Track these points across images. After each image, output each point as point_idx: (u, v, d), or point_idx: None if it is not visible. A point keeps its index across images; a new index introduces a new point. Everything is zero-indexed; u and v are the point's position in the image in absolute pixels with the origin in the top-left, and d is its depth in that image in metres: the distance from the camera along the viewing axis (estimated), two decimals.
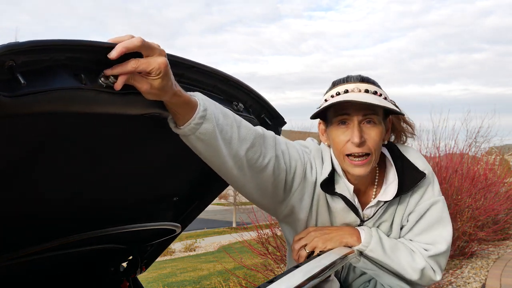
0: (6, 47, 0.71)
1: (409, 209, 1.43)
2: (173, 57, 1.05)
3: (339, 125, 1.32)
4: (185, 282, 7.64)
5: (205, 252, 13.85)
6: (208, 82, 1.22)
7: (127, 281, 2.00)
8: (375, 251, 1.39)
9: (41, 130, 0.94)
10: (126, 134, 1.16)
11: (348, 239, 1.40)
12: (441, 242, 1.42)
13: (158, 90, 0.96)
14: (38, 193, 1.18)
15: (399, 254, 1.41)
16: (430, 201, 1.42)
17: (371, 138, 1.30)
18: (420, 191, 1.42)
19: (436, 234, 1.42)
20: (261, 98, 1.46)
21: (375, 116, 1.31)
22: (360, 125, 1.30)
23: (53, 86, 0.79)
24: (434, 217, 1.43)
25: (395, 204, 1.44)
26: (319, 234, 1.41)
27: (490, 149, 11.83)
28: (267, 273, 5.57)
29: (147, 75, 0.94)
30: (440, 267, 1.44)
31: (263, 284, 0.97)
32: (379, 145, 1.33)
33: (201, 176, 1.69)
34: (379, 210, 1.43)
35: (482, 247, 7.49)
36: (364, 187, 1.45)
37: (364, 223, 1.46)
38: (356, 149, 1.30)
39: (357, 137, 1.28)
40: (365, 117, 1.30)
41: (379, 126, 1.32)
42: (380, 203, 1.42)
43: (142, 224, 1.69)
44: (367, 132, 1.30)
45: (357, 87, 1.32)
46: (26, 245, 1.37)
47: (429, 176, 1.43)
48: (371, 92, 1.31)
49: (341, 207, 1.42)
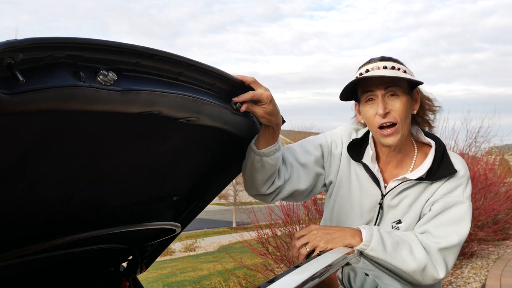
0: (5, 44, 0.71)
1: (435, 197, 1.49)
2: (172, 55, 1.05)
3: (367, 102, 1.49)
4: (185, 282, 7.64)
5: (205, 252, 13.86)
6: (207, 81, 1.22)
7: (127, 281, 2.00)
8: (376, 250, 1.39)
9: (40, 128, 0.94)
10: (125, 133, 1.16)
11: (350, 240, 1.41)
12: (453, 236, 1.45)
13: (268, 115, 1.37)
14: (37, 192, 1.18)
15: (400, 253, 1.41)
16: (459, 199, 1.48)
17: (395, 108, 1.44)
18: (450, 185, 1.49)
19: (452, 230, 1.46)
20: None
21: (397, 88, 1.45)
22: (384, 99, 1.45)
23: (52, 84, 0.79)
24: (457, 215, 1.47)
25: (421, 189, 1.51)
26: (321, 234, 1.42)
27: (490, 149, 11.83)
28: (267, 273, 5.57)
29: (259, 103, 1.34)
30: (445, 264, 1.44)
31: (263, 284, 0.96)
32: (404, 114, 1.45)
33: (200, 175, 1.69)
34: (401, 185, 1.51)
35: (482, 247, 7.49)
36: (396, 165, 1.56)
37: (384, 198, 1.53)
38: (383, 120, 1.45)
39: (381, 109, 1.43)
40: (387, 91, 1.45)
41: (402, 98, 1.45)
42: (405, 179, 1.51)
43: (142, 224, 1.68)
44: (391, 103, 1.45)
45: (376, 65, 1.48)
46: (25, 245, 1.37)
47: (464, 177, 1.51)
48: (389, 68, 1.46)
49: (366, 177, 1.57)
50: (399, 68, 1.46)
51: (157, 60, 1.02)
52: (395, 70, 1.45)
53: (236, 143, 1.55)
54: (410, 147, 1.56)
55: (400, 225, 1.53)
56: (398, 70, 1.45)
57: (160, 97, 1.04)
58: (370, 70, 1.47)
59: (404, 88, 1.46)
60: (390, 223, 1.55)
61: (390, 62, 1.48)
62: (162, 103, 1.04)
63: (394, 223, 1.54)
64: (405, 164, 1.56)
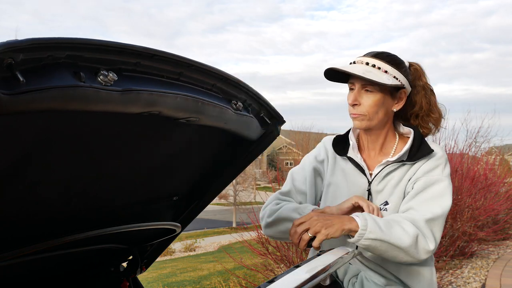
0: (5, 44, 0.71)
1: (417, 176, 1.58)
2: (172, 56, 1.05)
3: (350, 90, 1.60)
4: (185, 282, 7.65)
5: (205, 252, 13.86)
6: (207, 81, 1.22)
7: (127, 281, 2.00)
8: (374, 232, 1.43)
9: (40, 128, 0.94)
10: (125, 133, 1.16)
11: (348, 225, 1.44)
12: (436, 208, 1.53)
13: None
14: (37, 192, 1.18)
15: (393, 230, 1.46)
16: (439, 177, 1.58)
17: (365, 103, 1.55)
18: (430, 165, 1.58)
19: (435, 203, 1.54)
20: (260, 97, 1.46)
21: (372, 86, 1.54)
22: (360, 91, 1.56)
23: (53, 84, 0.79)
24: (438, 191, 1.55)
25: (404, 170, 1.60)
26: (321, 219, 1.44)
27: (490, 149, 11.83)
28: (267, 273, 5.58)
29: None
30: (433, 235, 1.51)
31: (263, 284, 0.97)
32: (374, 109, 1.55)
33: (200, 175, 1.69)
34: (385, 169, 1.60)
35: (482, 247, 7.50)
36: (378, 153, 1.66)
37: (371, 184, 1.62)
38: (352, 110, 1.57)
39: (350, 99, 1.56)
40: (363, 85, 1.55)
41: (376, 95, 1.55)
42: (388, 162, 1.61)
43: (142, 224, 1.69)
44: (364, 97, 1.56)
45: (362, 60, 1.58)
46: (25, 245, 1.37)
47: (442, 158, 1.60)
48: (370, 65, 1.55)
49: (352, 168, 1.66)
50: (379, 67, 1.54)
51: (157, 60, 1.02)
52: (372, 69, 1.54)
53: (236, 143, 1.55)
54: (392, 137, 1.67)
55: (387, 206, 1.60)
56: (378, 69, 1.54)
57: (160, 97, 1.04)
58: (357, 62, 1.58)
59: (382, 87, 1.54)
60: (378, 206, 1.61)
61: (377, 60, 1.56)
62: (162, 103, 1.04)
63: (382, 205, 1.61)
64: (386, 151, 1.66)
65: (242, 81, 1.34)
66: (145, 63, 0.99)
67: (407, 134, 1.66)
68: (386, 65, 1.56)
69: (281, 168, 10.94)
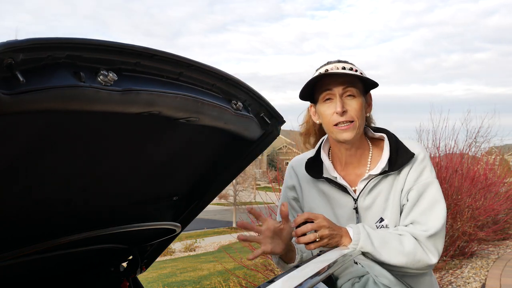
0: (5, 44, 0.71)
1: (408, 185, 1.54)
2: (172, 56, 1.05)
3: (325, 101, 1.52)
4: (185, 282, 7.65)
5: (205, 252, 13.86)
6: (207, 81, 1.22)
7: (127, 281, 2.00)
8: (365, 247, 1.43)
9: (40, 128, 0.94)
10: (125, 133, 1.16)
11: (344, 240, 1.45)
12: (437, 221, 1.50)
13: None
14: (37, 192, 1.18)
15: (388, 245, 1.45)
16: (428, 181, 1.53)
17: (352, 108, 1.49)
18: (417, 170, 1.54)
19: (434, 214, 1.51)
20: (260, 97, 1.46)
21: (354, 89, 1.50)
22: (342, 98, 1.49)
23: (52, 84, 0.79)
24: (432, 197, 1.52)
25: (391, 181, 1.55)
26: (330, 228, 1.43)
27: (490, 149, 11.82)
28: (267, 273, 5.57)
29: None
30: (436, 249, 1.49)
31: (263, 284, 0.97)
32: (360, 114, 1.51)
33: (200, 175, 1.69)
34: (369, 183, 1.54)
35: (482, 247, 7.50)
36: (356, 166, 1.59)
37: (357, 201, 1.56)
38: (340, 118, 1.49)
39: (339, 106, 1.48)
40: (344, 90, 1.49)
41: (358, 99, 1.51)
42: (371, 176, 1.55)
43: (142, 224, 1.69)
44: (349, 103, 1.50)
45: (335, 66, 1.52)
46: (25, 245, 1.37)
47: (425, 159, 1.56)
48: (347, 69, 1.50)
49: (332, 190, 1.59)
50: (356, 70, 1.51)
51: (157, 60, 1.02)
52: (352, 71, 1.50)
53: (236, 143, 1.55)
54: (365, 145, 1.61)
55: (383, 223, 1.56)
56: (356, 72, 1.51)
57: (160, 97, 1.04)
58: (329, 70, 1.51)
59: (360, 90, 1.52)
60: (373, 224, 1.56)
61: (348, 64, 1.54)
62: (162, 103, 1.04)
63: (378, 223, 1.56)
64: (363, 161, 1.60)
65: (242, 81, 1.34)
66: (145, 63, 0.99)
67: (379, 137, 1.61)
68: (358, 68, 1.54)
69: (281, 168, 10.89)
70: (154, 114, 1.06)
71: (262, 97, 1.46)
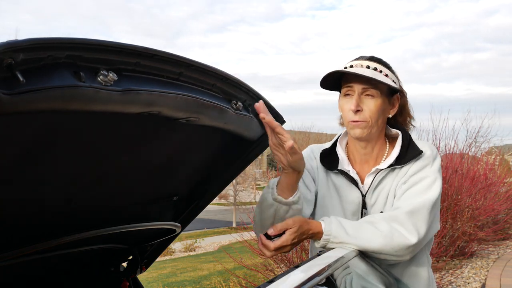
0: (5, 44, 0.71)
1: (405, 179, 1.53)
2: (172, 56, 1.05)
3: (345, 96, 1.53)
4: (185, 282, 7.65)
5: (205, 252, 13.87)
6: (207, 81, 1.21)
7: (127, 281, 2.00)
8: (338, 237, 1.40)
9: (40, 129, 0.94)
10: (125, 133, 1.16)
11: (314, 229, 1.41)
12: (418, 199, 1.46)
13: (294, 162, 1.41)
14: (37, 192, 1.18)
15: (362, 231, 1.41)
16: (426, 174, 1.51)
17: (368, 108, 1.48)
18: (418, 166, 1.53)
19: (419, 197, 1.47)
20: (260, 97, 1.45)
21: (374, 90, 1.48)
22: (360, 96, 1.48)
23: (52, 84, 0.79)
24: (424, 186, 1.49)
25: (394, 175, 1.55)
26: (296, 233, 1.38)
27: (490, 149, 11.83)
28: (267, 273, 5.58)
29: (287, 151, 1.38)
30: (416, 228, 1.42)
31: (263, 284, 0.97)
32: (376, 115, 1.50)
33: (200, 175, 1.69)
34: (376, 177, 1.55)
35: (482, 247, 7.50)
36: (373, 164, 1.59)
37: (365, 197, 1.56)
38: (354, 117, 1.49)
39: (353, 105, 1.48)
40: (364, 90, 1.48)
41: (377, 99, 1.49)
42: (378, 170, 1.56)
43: (142, 224, 1.69)
44: (366, 103, 1.49)
45: (361, 63, 1.51)
46: (25, 245, 1.37)
47: (430, 157, 1.54)
48: (371, 68, 1.49)
49: (344, 183, 1.59)
50: (381, 71, 1.49)
51: (157, 60, 1.02)
52: (376, 72, 1.48)
53: (236, 143, 1.55)
54: (383, 144, 1.60)
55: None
56: (380, 73, 1.49)
57: (160, 97, 1.04)
58: (354, 66, 1.51)
59: (382, 91, 1.50)
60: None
61: (375, 63, 1.52)
62: (162, 103, 1.04)
63: None
64: (379, 160, 1.60)
65: (242, 81, 1.34)
66: (145, 63, 0.99)
67: (395, 135, 1.61)
68: (385, 68, 1.52)
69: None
70: (154, 114, 1.06)
71: (262, 97, 1.46)
